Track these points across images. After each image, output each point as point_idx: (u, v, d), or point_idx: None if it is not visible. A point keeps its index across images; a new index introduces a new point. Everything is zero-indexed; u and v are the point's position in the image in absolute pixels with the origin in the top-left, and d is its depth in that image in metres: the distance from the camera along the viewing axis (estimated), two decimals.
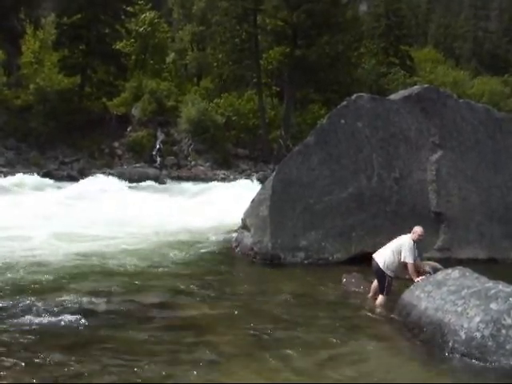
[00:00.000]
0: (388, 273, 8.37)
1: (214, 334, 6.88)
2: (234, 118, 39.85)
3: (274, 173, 11.79)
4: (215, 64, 45.00)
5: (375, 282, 8.78)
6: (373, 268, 8.63)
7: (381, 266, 8.38)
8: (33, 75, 39.37)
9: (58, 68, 39.45)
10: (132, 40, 45.91)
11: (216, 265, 10.91)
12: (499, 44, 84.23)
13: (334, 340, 6.90)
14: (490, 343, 6.04)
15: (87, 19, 37.81)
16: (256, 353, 6.32)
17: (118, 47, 42.39)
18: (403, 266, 8.33)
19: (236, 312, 7.80)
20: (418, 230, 8.44)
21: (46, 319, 6.99)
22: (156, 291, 8.64)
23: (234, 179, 32.55)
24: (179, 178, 33.06)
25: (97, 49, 38.45)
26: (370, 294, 8.86)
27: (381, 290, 8.46)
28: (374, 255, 8.68)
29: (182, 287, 9.02)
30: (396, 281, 9.12)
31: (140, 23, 46.37)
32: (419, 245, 8.47)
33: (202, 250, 12.01)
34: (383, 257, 8.44)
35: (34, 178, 25.87)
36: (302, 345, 6.64)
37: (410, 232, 8.57)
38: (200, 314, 7.62)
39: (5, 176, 26.09)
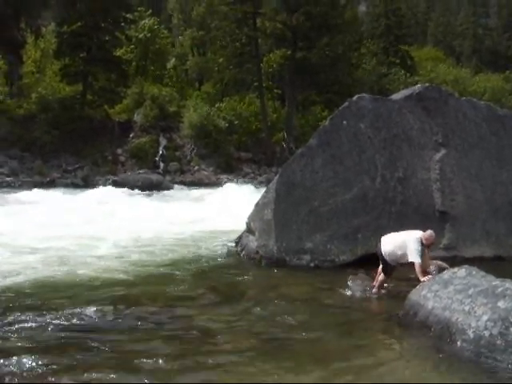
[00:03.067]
0: (389, 262, 8.76)
1: (220, 338, 6.87)
2: (236, 122, 39.91)
3: (278, 176, 11.78)
4: (216, 68, 45.16)
5: (380, 276, 8.98)
6: (377, 251, 8.95)
7: (384, 256, 8.77)
8: (35, 84, 39.60)
9: (59, 76, 39.64)
10: (132, 46, 46.09)
11: (221, 269, 10.90)
12: (499, 41, 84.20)
13: (342, 342, 6.89)
14: (498, 342, 6.01)
15: (87, 27, 37.96)
16: (262, 357, 6.30)
17: (118, 54, 42.56)
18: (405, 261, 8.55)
19: (242, 316, 7.79)
20: (432, 236, 8.58)
21: (51, 327, 7.00)
22: (161, 296, 8.63)
23: (238, 183, 32.61)
24: (182, 183, 33.13)
25: (97, 56, 38.62)
26: (375, 283, 9.06)
27: (384, 272, 8.90)
28: (382, 240, 8.92)
29: (187, 292, 9.02)
30: (403, 281, 9.18)
31: (140, 30, 46.56)
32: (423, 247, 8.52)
33: (207, 255, 12.01)
34: (387, 249, 8.72)
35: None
36: (310, 348, 6.62)
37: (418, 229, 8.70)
38: (206, 318, 7.61)
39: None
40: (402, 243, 8.51)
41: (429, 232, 8.58)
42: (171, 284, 9.48)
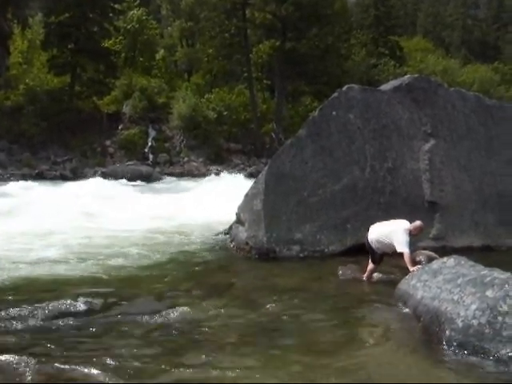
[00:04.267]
0: (376, 250, 8.85)
1: (210, 329, 6.86)
2: (225, 113, 39.81)
3: (267, 166, 11.76)
4: (205, 59, 44.97)
5: (369, 265, 9.01)
6: (365, 240, 9.02)
7: (371, 245, 8.86)
8: (22, 76, 39.29)
9: (47, 68, 39.31)
10: (121, 38, 45.74)
11: (211, 260, 10.90)
12: (488, 31, 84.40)
13: (331, 332, 6.90)
14: (486, 330, 6.04)
15: (75, 18, 37.66)
16: (251, 348, 6.30)
17: (106, 45, 42.24)
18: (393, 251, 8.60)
19: (231, 308, 7.78)
20: (420, 226, 8.64)
21: (43, 321, 6.95)
22: (151, 289, 8.60)
23: (227, 174, 32.52)
24: (172, 175, 33.04)
25: (86, 47, 38.32)
26: (365, 274, 9.08)
27: (372, 261, 8.96)
28: (370, 228, 9.00)
29: (176, 284, 9.01)
30: (392, 271, 9.22)
31: (128, 20, 46.23)
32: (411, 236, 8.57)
33: (197, 246, 12.00)
34: (374, 237, 8.81)
35: None
36: (300, 337, 6.63)
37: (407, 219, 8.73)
38: (194, 310, 7.58)
39: None
40: (390, 233, 8.56)
41: (417, 223, 8.62)
42: (158, 277, 9.43)
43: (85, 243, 11.96)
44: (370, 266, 9.01)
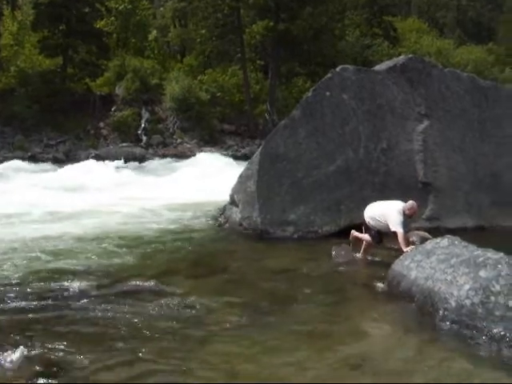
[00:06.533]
0: (372, 228, 8.95)
1: (204, 310, 6.87)
2: (218, 94, 39.53)
3: (261, 148, 11.73)
4: (198, 40, 44.51)
5: (364, 244, 9.14)
6: (363, 219, 9.11)
7: (367, 223, 8.99)
8: (13, 57, 38.79)
9: (38, 49, 38.86)
10: (113, 18, 45.20)
11: (205, 241, 10.89)
12: (482, 12, 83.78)
13: (326, 312, 6.94)
14: (479, 310, 6.09)
15: None
16: (248, 329, 6.32)
17: (98, 26, 41.76)
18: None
19: (227, 288, 7.81)
20: (414, 207, 8.63)
21: (41, 302, 6.95)
22: (145, 270, 8.58)
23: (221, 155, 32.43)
24: (165, 157, 32.87)
25: (77, 28, 37.78)
26: (361, 253, 9.21)
27: (371, 237, 9.06)
28: (367, 207, 9.08)
29: (170, 265, 9.01)
30: (386, 251, 9.26)
31: (120, 1, 45.64)
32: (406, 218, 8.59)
33: (190, 228, 11.97)
34: (370, 215, 8.93)
35: None
36: (294, 319, 6.65)
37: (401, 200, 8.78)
38: (190, 291, 7.60)
39: None
40: (384, 213, 8.59)
41: (410, 202, 8.63)
42: (153, 259, 9.41)
43: (75, 227, 11.87)
44: (365, 244, 9.08)
